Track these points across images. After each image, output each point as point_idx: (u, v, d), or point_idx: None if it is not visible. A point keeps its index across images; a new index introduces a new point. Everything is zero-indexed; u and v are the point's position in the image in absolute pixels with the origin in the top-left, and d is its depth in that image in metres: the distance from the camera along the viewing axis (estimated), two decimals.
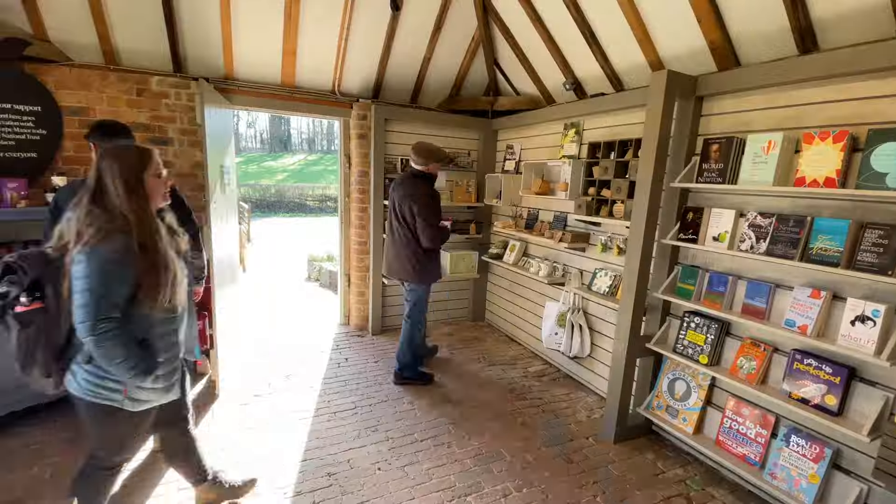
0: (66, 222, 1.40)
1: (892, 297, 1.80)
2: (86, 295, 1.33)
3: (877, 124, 1.83)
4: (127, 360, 1.39)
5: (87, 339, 1.35)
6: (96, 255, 1.33)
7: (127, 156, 1.45)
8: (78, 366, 1.45)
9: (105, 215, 1.38)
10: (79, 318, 1.34)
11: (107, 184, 1.40)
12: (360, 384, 3.28)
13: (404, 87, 4.20)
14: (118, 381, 1.45)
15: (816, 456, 2.00)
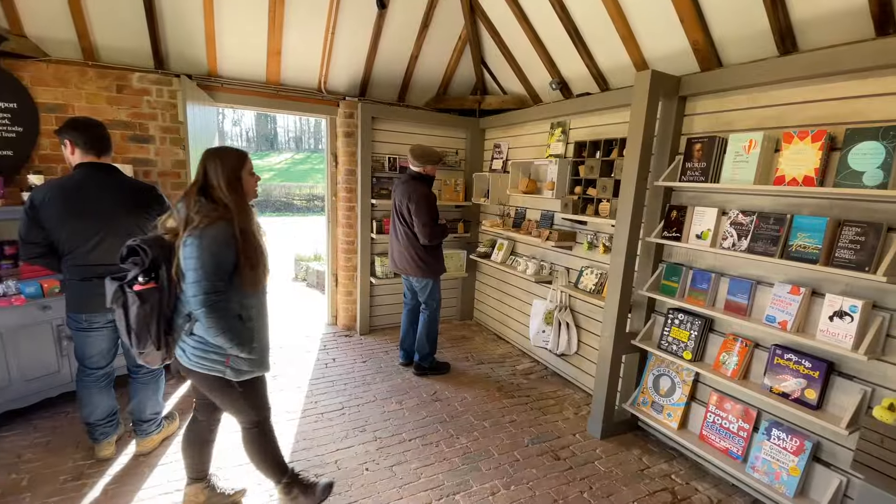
0: (176, 211, 1.61)
1: (869, 292, 1.85)
2: (198, 272, 1.51)
3: (854, 124, 1.88)
4: (229, 331, 1.57)
5: (198, 311, 1.53)
6: (204, 238, 1.52)
7: (228, 156, 1.66)
8: (185, 341, 1.64)
9: (210, 205, 1.58)
10: (191, 293, 1.52)
11: (211, 179, 1.61)
12: (348, 384, 3.26)
13: (391, 86, 4.18)
14: (220, 353, 1.63)
15: (797, 449, 2.04)
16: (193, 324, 1.62)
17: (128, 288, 1.56)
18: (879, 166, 1.71)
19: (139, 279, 1.55)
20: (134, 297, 1.54)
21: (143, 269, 1.55)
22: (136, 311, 1.55)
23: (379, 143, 4.12)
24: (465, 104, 4.43)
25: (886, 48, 1.72)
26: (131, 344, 1.61)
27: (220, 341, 1.59)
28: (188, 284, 1.54)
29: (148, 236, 1.60)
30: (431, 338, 3.43)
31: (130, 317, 1.56)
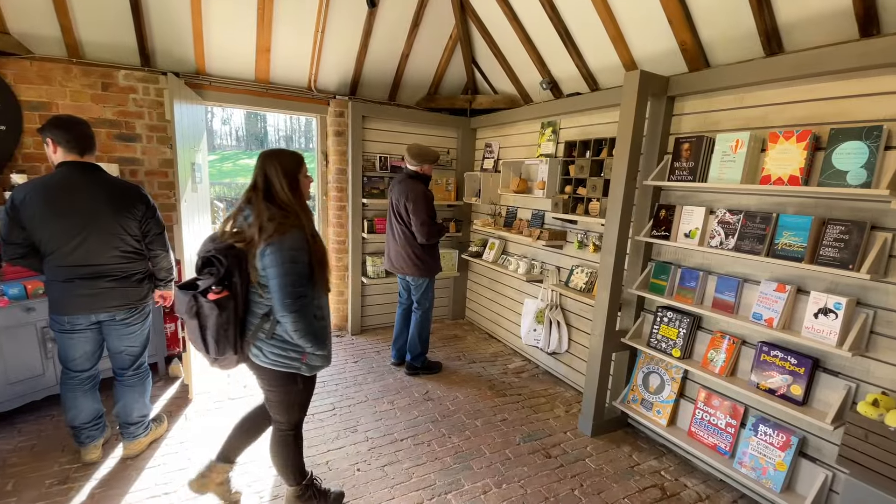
0: (244, 219, 1.64)
1: (852, 290, 1.88)
2: (282, 279, 1.56)
3: (838, 124, 1.91)
4: (311, 331, 1.65)
5: (284, 315, 1.59)
6: (283, 246, 1.57)
7: (286, 158, 1.69)
8: (262, 342, 1.68)
9: (280, 212, 1.62)
10: (277, 300, 1.58)
11: (274, 183, 1.64)
12: (339, 385, 3.24)
13: (382, 85, 4.17)
14: (298, 351, 1.71)
15: (783, 444, 2.07)
16: (273, 326, 1.67)
17: (203, 298, 1.58)
18: (863, 165, 1.74)
19: (213, 288, 1.59)
20: (212, 306, 1.58)
21: (217, 279, 1.58)
22: (215, 319, 1.59)
23: (370, 142, 4.10)
24: (457, 104, 4.43)
25: (870, 49, 1.75)
26: (207, 351, 1.65)
27: (303, 342, 1.66)
28: (273, 291, 1.59)
29: (220, 245, 1.61)
30: (423, 337, 3.43)
31: (208, 325, 1.60)
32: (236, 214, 1.69)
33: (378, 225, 4.09)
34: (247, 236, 1.61)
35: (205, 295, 1.58)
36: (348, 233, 4.08)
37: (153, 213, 2.20)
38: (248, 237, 1.60)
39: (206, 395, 3.00)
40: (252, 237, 1.59)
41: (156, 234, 2.22)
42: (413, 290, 3.39)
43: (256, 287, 1.65)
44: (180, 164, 2.78)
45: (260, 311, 1.68)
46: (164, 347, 3.22)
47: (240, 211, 1.68)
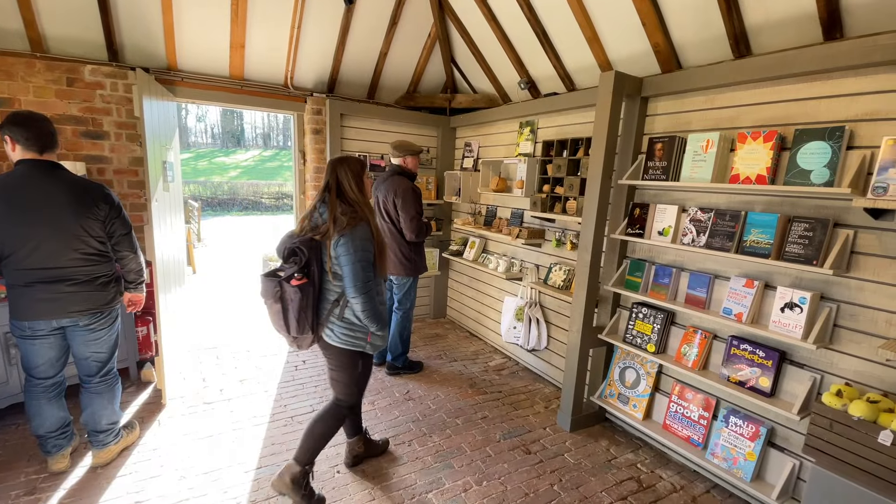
0: (319, 214, 1.91)
1: (817, 284, 1.96)
2: (354, 266, 1.82)
3: (803, 124, 1.98)
4: (376, 313, 1.91)
5: (355, 297, 1.85)
6: (355, 237, 1.83)
7: (353, 163, 1.96)
8: (333, 324, 1.93)
9: (350, 208, 1.88)
10: (349, 284, 1.84)
11: (344, 184, 1.90)
12: (319, 387, 3.20)
13: (360, 83, 4.13)
14: (363, 331, 1.95)
15: (753, 435, 2.14)
16: (343, 310, 1.92)
17: (286, 284, 1.82)
18: (826, 165, 1.81)
19: (295, 276, 1.82)
20: (296, 290, 1.81)
21: (300, 268, 1.82)
22: (298, 302, 1.82)
23: (349, 140, 4.06)
24: (436, 102, 4.42)
25: (833, 52, 1.82)
26: (288, 331, 1.88)
27: (369, 322, 1.91)
28: (346, 277, 1.85)
29: (302, 238, 1.87)
30: (405, 337, 3.42)
31: (291, 308, 1.83)
32: (311, 213, 1.95)
33: None
34: (322, 230, 1.87)
35: (288, 281, 1.82)
36: None
37: (118, 213, 2.12)
38: (324, 230, 1.86)
39: (180, 400, 2.92)
40: (327, 230, 1.85)
41: (122, 235, 2.14)
42: (396, 290, 3.37)
43: (329, 275, 1.89)
44: (151, 163, 2.70)
45: (331, 297, 1.93)
46: (135, 352, 3.12)
47: (314, 209, 1.94)
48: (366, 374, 2.11)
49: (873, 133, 1.78)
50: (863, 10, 1.79)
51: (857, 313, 1.85)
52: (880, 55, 1.69)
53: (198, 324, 4.45)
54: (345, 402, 2.10)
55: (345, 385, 2.06)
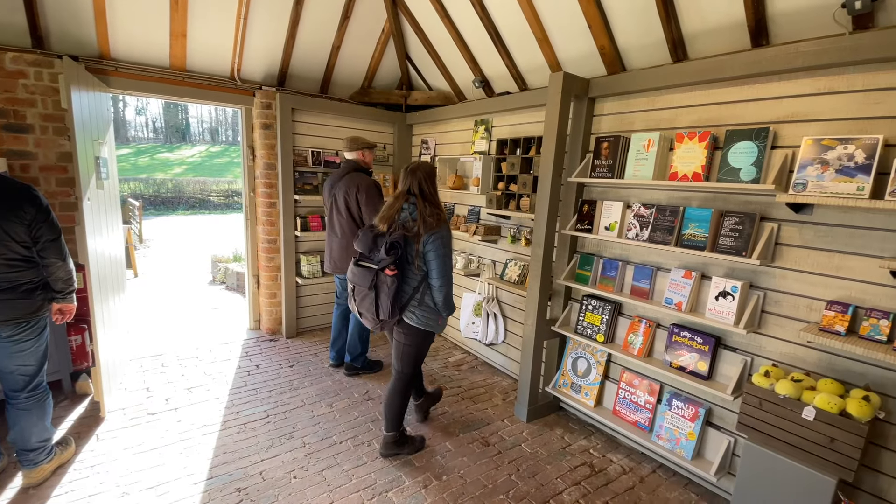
0: (409, 214, 2.21)
1: (746, 274, 2.12)
2: (441, 259, 2.17)
3: (733, 125, 2.13)
4: (451, 299, 2.28)
5: (441, 285, 2.20)
6: (443, 235, 2.18)
7: (430, 169, 2.30)
8: (414, 307, 2.25)
9: (434, 209, 2.22)
10: (437, 274, 2.19)
11: (424, 188, 2.24)
12: (274, 391, 3.11)
13: (313, 77, 4.02)
14: (437, 314, 2.28)
15: (693, 416, 2.29)
16: (424, 295, 2.24)
17: (382, 273, 2.14)
18: (753, 163, 1.96)
19: (390, 266, 2.13)
20: (392, 279, 2.13)
21: (396, 258, 2.12)
22: (393, 289, 2.14)
23: (301, 135, 3.94)
24: (391, 98, 4.38)
25: (759, 58, 1.97)
26: (378, 316, 2.21)
27: (444, 307, 2.27)
28: (433, 268, 2.19)
29: (397, 235, 2.16)
30: (364, 337, 3.37)
31: (385, 294, 2.14)
32: (394, 213, 2.21)
33: (312, 222, 3.95)
34: (412, 228, 2.17)
35: (383, 271, 2.13)
36: (280, 231, 3.91)
37: (46, 216, 1.94)
38: (414, 228, 2.17)
39: (120, 413, 2.75)
40: (418, 228, 2.16)
41: (48, 241, 1.96)
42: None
43: (414, 267, 2.18)
44: (81, 159, 2.50)
45: (413, 284, 2.22)
46: (68, 362, 2.89)
47: (398, 210, 2.22)
48: (428, 349, 2.47)
49: (794, 133, 1.94)
50: (786, 19, 1.95)
51: (781, 300, 2.02)
52: (801, 61, 1.85)
53: (140, 330, 4.19)
54: (408, 372, 2.42)
55: (412, 357, 2.39)
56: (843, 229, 1.84)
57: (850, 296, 1.82)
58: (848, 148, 1.71)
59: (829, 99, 1.86)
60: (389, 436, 2.45)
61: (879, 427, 1.76)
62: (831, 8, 1.78)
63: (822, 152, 1.77)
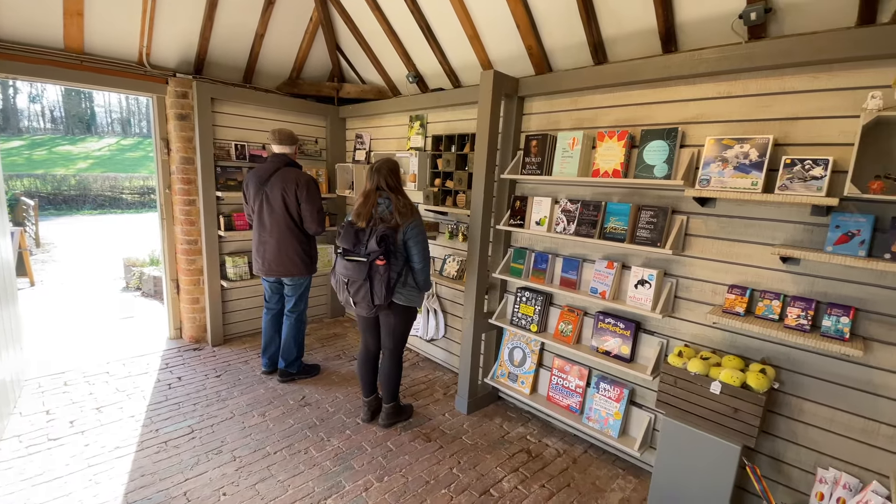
0: (386, 208, 2.40)
1: (661, 263, 2.30)
2: (421, 244, 2.44)
3: (647, 125, 2.29)
4: (429, 278, 2.55)
5: (423, 269, 2.47)
6: (420, 224, 2.43)
7: (394, 164, 2.50)
8: (401, 289, 2.45)
9: (406, 201, 2.44)
10: (419, 258, 2.44)
11: (392, 182, 2.44)
12: (199, 404, 2.89)
13: (235, 65, 3.76)
14: (419, 292, 2.55)
15: (618, 397, 2.45)
16: (406, 277, 2.46)
17: (374, 263, 2.33)
18: (665, 161, 2.12)
19: (380, 257, 2.33)
20: (385, 267, 2.34)
21: (385, 250, 2.33)
22: (386, 277, 2.35)
23: (223, 128, 3.68)
24: (322, 91, 4.22)
25: (669, 63, 2.13)
26: (373, 302, 2.38)
27: (426, 284, 2.55)
28: (416, 254, 2.44)
29: (383, 227, 2.35)
30: (299, 340, 3.23)
31: (379, 282, 2.35)
32: (370, 208, 2.40)
33: (237, 221, 3.71)
34: (390, 219, 2.38)
35: (374, 262, 2.33)
36: (201, 231, 3.63)
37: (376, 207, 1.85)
38: (392, 221, 2.37)
39: (15, 441, 2.42)
40: (396, 220, 2.37)
41: None
42: (289, 292, 3.13)
43: (395, 255, 2.38)
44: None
45: (397, 269, 2.40)
46: None
47: (375, 206, 2.41)
48: (412, 323, 2.67)
49: (700, 133, 2.12)
50: (692, 27, 2.12)
51: (690, 286, 2.22)
52: (704, 67, 2.02)
53: (38, 346, 3.71)
54: (399, 347, 2.64)
55: (401, 333, 2.61)
56: (740, 220, 2.05)
57: (748, 280, 2.04)
58: (744, 147, 1.90)
59: (728, 102, 2.05)
60: (390, 406, 2.73)
61: (775, 396, 1.99)
62: (731, 18, 1.96)
63: (722, 151, 1.95)
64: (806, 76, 1.84)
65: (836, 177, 1.73)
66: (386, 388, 2.71)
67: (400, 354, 2.68)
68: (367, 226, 2.39)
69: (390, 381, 2.68)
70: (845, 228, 1.70)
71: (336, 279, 2.51)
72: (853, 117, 1.72)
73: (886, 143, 1.64)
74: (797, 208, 1.89)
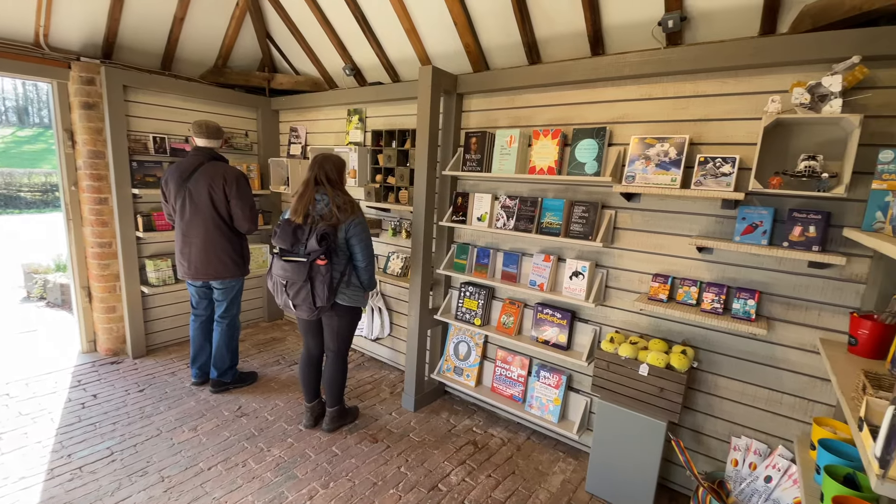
0: (325, 205, 2.31)
1: (592, 255, 2.42)
2: (365, 242, 2.37)
3: (578, 124, 2.39)
4: (374, 276, 2.50)
5: (368, 266, 2.40)
6: (362, 221, 2.36)
7: (336, 158, 2.41)
8: (344, 289, 2.38)
9: (346, 197, 2.37)
10: (363, 256, 2.37)
11: (334, 178, 2.36)
12: (119, 423, 2.64)
13: (151, 50, 3.44)
14: (363, 294, 2.48)
15: (557, 383, 2.57)
16: (350, 277, 2.38)
17: (314, 263, 2.24)
18: (595, 158, 2.23)
19: (321, 257, 2.24)
20: (327, 267, 2.25)
21: (327, 248, 2.23)
22: (329, 277, 2.26)
23: (139, 118, 3.36)
24: (252, 81, 3.98)
25: (597, 65, 2.23)
26: (315, 304, 2.28)
27: (370, 283, 2.47)
28: (359, 252, 2.35)
29: (325, 224, 2.25)
30: (233, 347, 3.02)
31: (322, 283, 2.25)
32: (308, 204, 2.30)
33: (158, 220, 3.41)
34: (329, 217, 2.28)
35: (315, 261, 2.25)
36: (115, 232, 3.29)
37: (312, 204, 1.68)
38: (333, 217, 2.28)
39: None
40: (337, 217, 2.28)
41: None
42: (220, 296, 2.91)
43: (337, 253, 2.31)
44: None
45: (340, 269, 2.33)
46: None
47: (311, 201, 2.30)
48: (357, 324, 2.60)
49: (626, 133, 2.26)
50: (618, 32, 2.23)
51: (619, 276, 2.36)
52: (629, 70, 2.14)
53: None
54: (344, 349, 2.57)
55: (346, 335, 2.54)
56: (662, 214, 2.21)
57: (669, 269, 2.21)
58: (664, 146, 2.04)
59: (649, 103, 2.19)
60: (334, 410, 2.65)
61: (694, 374, 2.18)
62: (651, 25, 2.10)
63: (645, 149, 2.09)
64: (716, 81, 2.01)
65: (743, 173, 1.91)
66: (330, 391, 2.62)
67: (345, 356, 2.60)
68: (305, 223, 2.28)
69: (335, 384, 2.60)
70: (750, 220, 1.89)
71: (273, 281, 2.38)
72: (756, 119, 1.91)
73: (784, 143, 1.84)
74: (710, 202, 2.07)
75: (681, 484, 2.28)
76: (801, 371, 1.93)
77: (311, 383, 2.65)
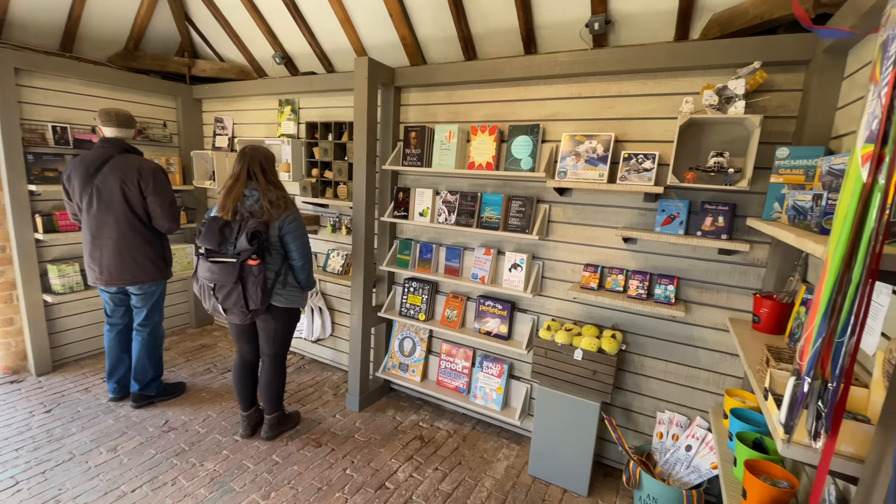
0: (255, 201, 2.18)
1: (529, 248, 2.51)
2: (301, 239, 2.27)
3: (513, 121, 2.45)
4: (312, 275, 2.41)
5: (305, 265, 2.31)
6: (297, 218, 2.27)
7: (266, 151, 2.29)
8: (280, 290, 2.28)
9: (279, 192, 2.25)
10: (300, 255, 2.28)
11: (266, 169, 2.24)
12: (23, 449, 2.34)
13: (48, 30, 3.04)
14: (300, 294, 2.39)
15: (499, 372, 2.64)
16: (286, 276, 2.27)
17: (245, 264, 2.11)
18: (530, 155, 2.30)
19: (253, 256, 2.11)
20: (259, 267, 2.12)
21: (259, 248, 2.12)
22: (262, 278, 2.13)
23: (34, 105, 2.97)
24: (170, 66, 3.67)
25: (530, 64, 2.30)
26: (248, 307, 2.14)
27: (308, 283, 2.37)
28: (294, 249, 2.24)
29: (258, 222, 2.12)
30: (155, 358, 2.77)
31: (254, 285, 2.12)
32: (237, 199, 2.15)
33: (61, 220, 3.04)
34: (260, 214, 2.14)
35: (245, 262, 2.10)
36: (9, 234, 2.90)
37: None
38: (265, 214, 2.14)
39: None
40: (269, 214, 2.14)
41: None
42: (139, 302, 2.66)
43: (271, 252, 2.18)
44: None
45: (275, 269, 2.21)
46: None
47: (240, 196, 2.15)
48: (295, 326, 2.48)
49: (557, 130, 2.35)
50: (548, 31, 2.31)
51: (554, 266, 2.47)
52: (559, 69, 2.23)
53: None
54: (281, 353, 2.46)
55: (284, 338, 2.42)
56: (592, 207, 2.33)
57: (599, 259, 2.34)
58: (592, 143, 2.16)
59: (579, 102, 2.30)
60: (273, 417, 2.53)
61: (623, 356, 2.34)
62: (579, 26, 2.19)
63: (575, 146, 2.19)
64: (638, 82, 2.15)
65: (662, 169, 2.07)
66: (268, 397, 2.49)
67: (283, 360, 2.48)
68: (234, 221, 2.14)
69: (273, 390, 2.48)
70: (669, 212, 2.05)
71: (199, 284, 2.20)
72: (673, 119, 2.06)
73: (697, 141, 2.02)
74: (634, 196, 2.22)
75: (614, 459, 2.45)
76: (715, 348, 2.14)
77: (247, 391, 2.51)
